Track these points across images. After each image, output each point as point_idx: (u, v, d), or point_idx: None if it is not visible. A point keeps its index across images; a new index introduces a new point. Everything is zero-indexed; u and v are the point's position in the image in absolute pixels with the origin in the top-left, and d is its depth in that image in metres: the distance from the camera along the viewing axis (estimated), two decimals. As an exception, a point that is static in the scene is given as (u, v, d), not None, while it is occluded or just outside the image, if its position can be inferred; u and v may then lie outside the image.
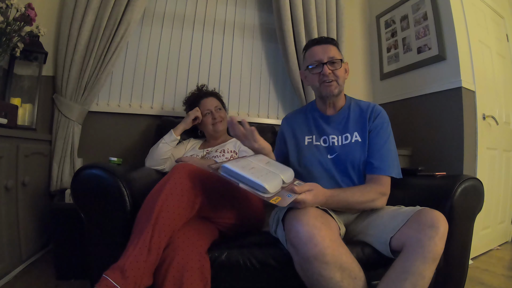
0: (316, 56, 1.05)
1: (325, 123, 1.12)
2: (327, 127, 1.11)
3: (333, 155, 1.06)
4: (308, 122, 1.16)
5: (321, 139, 1.10)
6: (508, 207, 2.05)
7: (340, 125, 1.10)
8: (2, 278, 1.15)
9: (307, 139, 1.12)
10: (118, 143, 1.79)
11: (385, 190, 0.99)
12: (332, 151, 1.07)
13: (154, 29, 1.91)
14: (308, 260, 0.73)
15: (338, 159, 1.05)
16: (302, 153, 1.10)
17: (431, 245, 0.74)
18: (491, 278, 1.49)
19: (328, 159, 1.06)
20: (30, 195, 1.37)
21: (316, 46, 1.07)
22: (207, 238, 0.91)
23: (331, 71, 1.03)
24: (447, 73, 1.73)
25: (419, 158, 1.86)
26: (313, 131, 1.13)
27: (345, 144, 1.06)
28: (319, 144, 1.09)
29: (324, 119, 1.13)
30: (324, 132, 1.11)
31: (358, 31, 2.33)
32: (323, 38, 1.10)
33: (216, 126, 1.46)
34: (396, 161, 1.03)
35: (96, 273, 0.75)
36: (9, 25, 1.27)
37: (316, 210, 0.80)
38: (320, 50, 1.05)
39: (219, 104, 1.52)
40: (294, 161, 1.11)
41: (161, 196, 0.82)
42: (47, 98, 1.66)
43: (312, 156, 1.08)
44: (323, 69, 1.03)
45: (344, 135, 1.08)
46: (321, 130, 1.11)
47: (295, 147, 1.14)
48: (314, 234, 0.72)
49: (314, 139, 1.11)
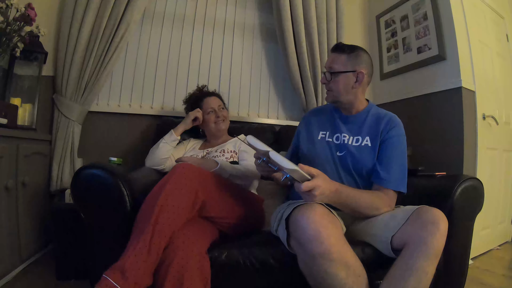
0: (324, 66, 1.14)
1: (342, 122, 1.13)
2: (343, 126, 1.12)
3: (342, 153, 1.07)
4: (326, 118, 1.18)
5: (334, 136, 1.12)
6: (508, 207, 2.05)
7: (355, 126, 1.11)
8: (2, 278, 1.15)
9: (321, 134, 1.14)
10: (118, 143, 1.79)
11: (392, 204, 0.97)
12: (341, 149, 1.08)
13: (154, 29, 1.91)
14: (313, 257, 0.74)
15: (346, 157, 1.06)
16: (314, 146, 1.13)
17: (433, 242, 0.75)
18: (491, 278, 1.49)
19: (336, 155, 1.08)
20: (30, 195, 1.37)
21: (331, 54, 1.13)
22: (207, 238, 0.91)
23: (327, 81, 1.08)
24: (447, 73, 1.73)
25: (419, 158, 1.85)
26: (328, 128, 1.15)
27: (355, 146, 1.07)
28: (331, 140, 1.11)
29: (342, 119, 1.14)
30: (338, 130, 1.12)
31: (358, 31, 2.33)
32: (336, 45, 1.11)
33: (218, 124, 1.46)
34: (405, 177, 1.01)
35: (96, 273, 0.75)
36: (9, 25, 1.27)
37: (322, 208, 0.80)
38: (329, 59, 1.11)
39: (222, 103, 1.53)
40: (305, 151, 1.15)
41: (161, 196, 0.82)
42: (47, 98, 1.66)
43: (322, 149, 1.10)
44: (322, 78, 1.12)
45: (356, 137, 1.08)
46: (336, 128, 1.13)
47: (307, 139, 1.17)
48: (320, 231, 0.73)
49: (327, 135, 1.13)
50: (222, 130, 1.47)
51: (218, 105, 1.49)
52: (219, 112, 1.47)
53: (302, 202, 0.85)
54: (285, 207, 0.93)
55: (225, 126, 1.48)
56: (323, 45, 1.95)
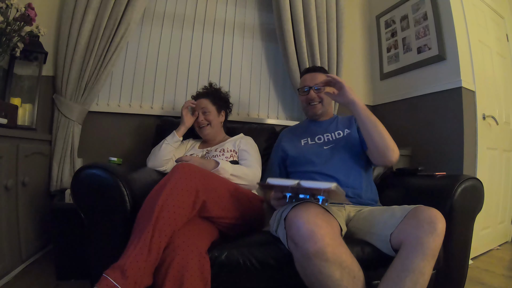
0: (305, 82, 1.35)
1: (317, 127, 1.34)
2: (319, 129, 1.33)
3: (329, 146, 1.24)
4: (303, 130, 1.38)
5: (315, 138, 1.30)
6: (508, 207, 2.05)
7: (331, 126, 1.32)
8: (2, 278, 1.15)
9: (302, 141, 1.31)
10: (118, 143, 1.79)
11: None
12: (327, 144, 1.26)
13: (154, 29, 1.91)
14: (308, 257, 0.73)
15: (334, 147, 1.23)
16: (300, 149, 1.28)
17: (430, 242, 0.74)
18: (491, 278, 1.49)
19: (324, 149, 1.24)
20: (30, 195, 1.37)
21: (306, 74, 1.37)
22: (207, 238, 0.91)
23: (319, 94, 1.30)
24: (447, 73, 1.73)
25: (419, 158, 1.86)
26: (307, 134, 1.33)
27: (339, 138, 1.26)
28: (314, 143, 1.28)
29: (316, 124, 1.36)
30: (317, 133, 1.31)
31: (358, 31, 2.33)
32: (313, 67, 1.41)
33: (201, 130, 1.44)
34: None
35: (96, 272, 0.75)
36: (9, 25, 1.27)
37: (317, 208, 0.80)
38: (309, 77, 1.34)
39: (208, 106, 1.45)
40: (292, 152, 1.28)
41: (162, 196, 0.82)
42: (47, 98, 1.66)
43: (309, 149, 1.26)
44: (310, 93, 1.31)
45: (337, 132, 1.28)
46: (314, 132, 1.32)
47: (293, 147, 1.30)
48: (314, 231, 0.73)
49: (309, 140, 1.30)
50: (205, 135, 1.44)
51: (202, 108, 1.44)
52: (200, 117, 1.42)
53: (300, 202, 0.85)
54: (285, 207, 0.93)
55: (210, 130, 1.44)
56: (323, 45, 1.95)
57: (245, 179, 1.20)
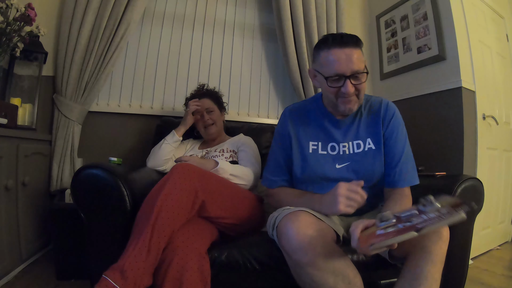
0: (338, 68, 0.84)
1: (334, 127, 0.98)
2: (336, 131, 0.98)
3: (342, 165, 0.95)
4: (313, 123, 1.00)
5: (328, 145, 0.98)
6: (508, 207, 2.05)
7: (351, 129, 0.98)
8: (2, 278, 1.15)
9: (311, 145, 0.98)
10: (118, 143, 1.79)
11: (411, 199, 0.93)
12: (341, 160, 0.95)
13: (154, 29, 1.91)
14: (300, 266, 0.73)
15: (349, 170, 0.94)
16: (306, 161, 0.97)
17: (437, 249, 0.74)
18: (491, 278, 1.49)
19: (336, 169, 0.95)
20: (30, 195, 1.37)
21: (337, 50, 0.85)
22: (207, 238, 0.91)
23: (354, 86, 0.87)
24: (447, 73, 1.73)
25: (419, 158, 1.84)
26: (319, 136, 0.99)
27: (358, 153, 0.95)
28: (325, 153, 0.97)
29: (333, 123, 0.98)
30: (332, 138, 0.98)
31: (358, 31, 2.33)
32: (347, 37, 0.88)
33: (207, 129, 1.44)
34: (415, 167, 0.97)
35: (96, 273, 0.75)
36: (9, 25, 1.27)
37: (308, 217, 0.78)
38: (343, 57, 0.84)
39: (211, 105, 1.46)
40: (297, 169, 0.99)
41: (161, 196, 0.82)
42: (47, 98, 1.66)
43: (316, 164, 0.96)
44: (346, 86, 0.85)
45: (356, 142, 0.96)
46: (329, 135, 0.98)
47: (299, 154, 0.99)
48: (305, 242, 0.72)
49: (320, 147, 0.98)
50: (211, 134, 1.44)
51: (206, 108, 1.44)
52: (205, 117, 1.42)
53: (292, 210, 0.82)
54: (280, 211, 0.89)
55: (215, 129, 1.44)
56: (323, 45, 1.95)
57: (244, 179, 1.20)
